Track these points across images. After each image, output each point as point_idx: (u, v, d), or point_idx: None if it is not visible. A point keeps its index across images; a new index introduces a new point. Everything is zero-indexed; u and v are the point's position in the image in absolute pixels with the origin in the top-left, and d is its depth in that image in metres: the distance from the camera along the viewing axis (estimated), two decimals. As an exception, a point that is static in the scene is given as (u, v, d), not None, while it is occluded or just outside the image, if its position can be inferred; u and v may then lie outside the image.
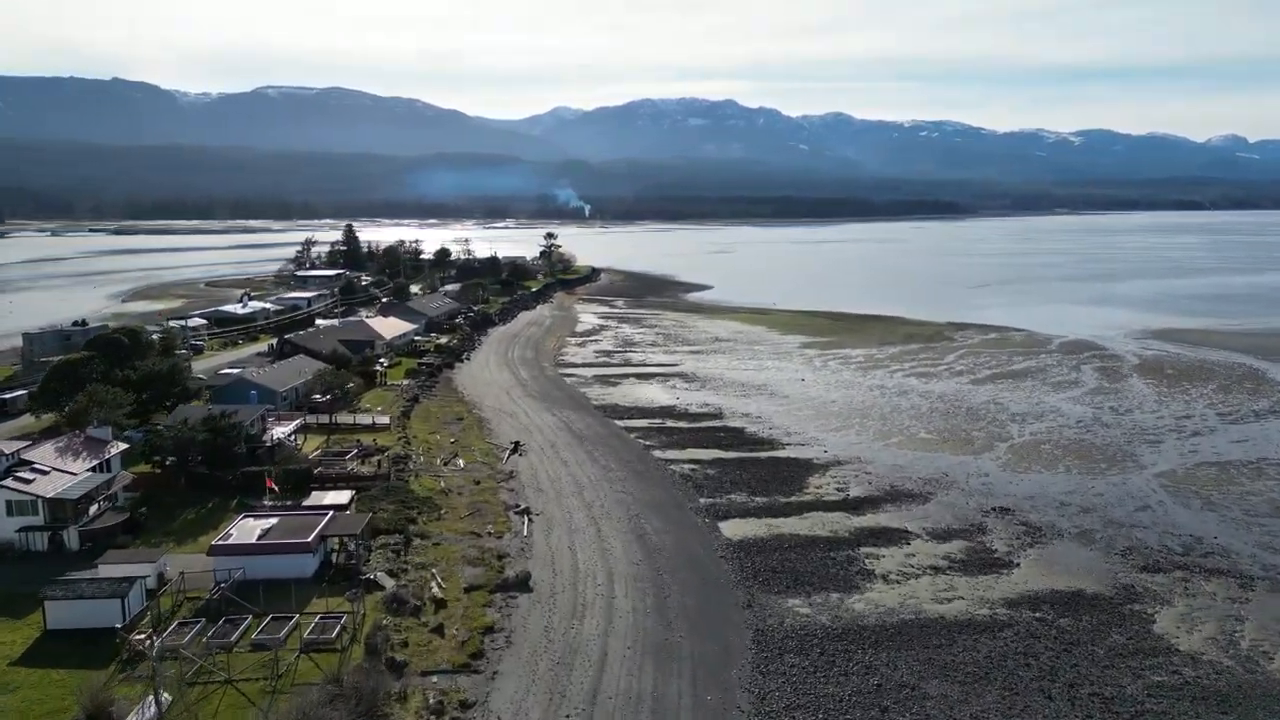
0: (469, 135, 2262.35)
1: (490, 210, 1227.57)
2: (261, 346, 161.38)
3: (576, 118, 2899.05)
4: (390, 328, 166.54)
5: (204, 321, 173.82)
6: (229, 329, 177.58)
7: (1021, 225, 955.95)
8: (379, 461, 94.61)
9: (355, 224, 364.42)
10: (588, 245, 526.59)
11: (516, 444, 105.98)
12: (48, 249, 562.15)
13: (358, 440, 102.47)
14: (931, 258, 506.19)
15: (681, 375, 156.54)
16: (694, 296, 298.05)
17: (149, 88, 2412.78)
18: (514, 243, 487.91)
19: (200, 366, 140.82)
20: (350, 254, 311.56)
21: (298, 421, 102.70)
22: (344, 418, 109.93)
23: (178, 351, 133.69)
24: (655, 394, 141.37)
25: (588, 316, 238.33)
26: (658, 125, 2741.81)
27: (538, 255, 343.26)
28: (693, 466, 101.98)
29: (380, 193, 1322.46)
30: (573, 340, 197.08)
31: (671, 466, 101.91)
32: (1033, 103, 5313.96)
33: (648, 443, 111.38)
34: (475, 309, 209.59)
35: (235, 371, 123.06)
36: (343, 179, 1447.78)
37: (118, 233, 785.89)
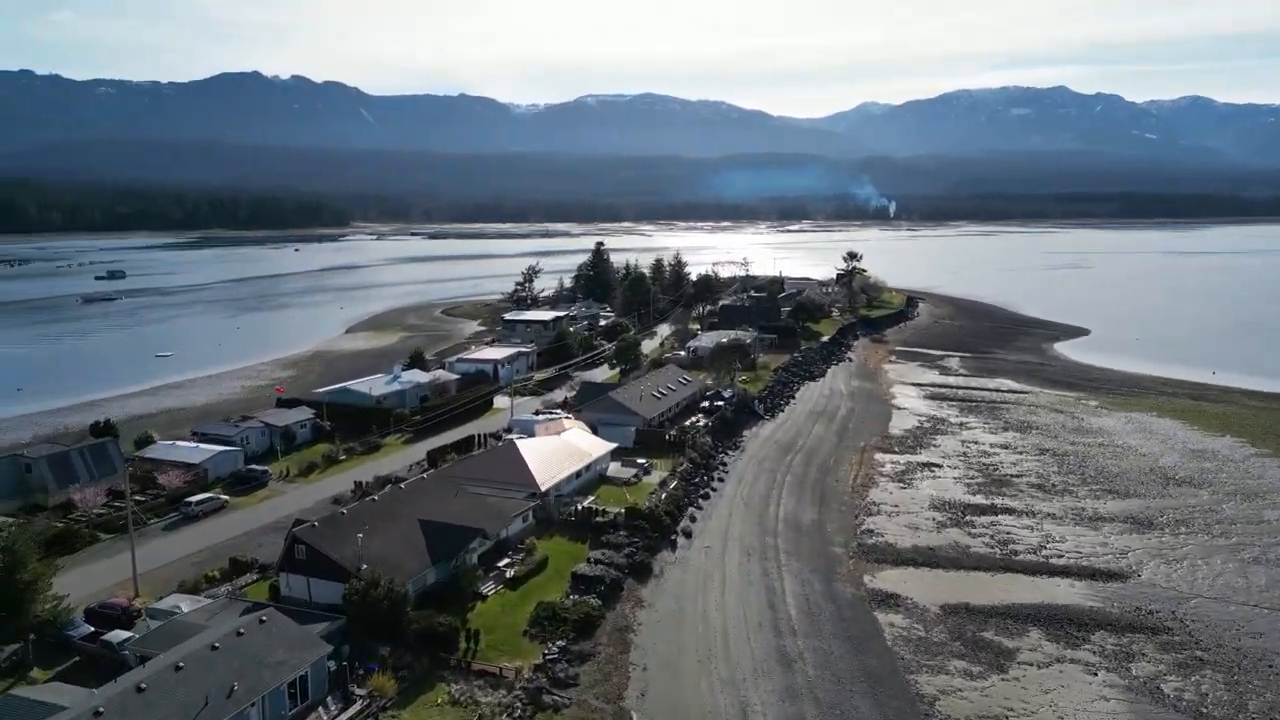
0: (770, 135, 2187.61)
1: (785, 211, 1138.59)
2: (395, 461, 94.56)
3: (884, 113, 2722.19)
4: (561, 457, 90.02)
5: (306, 417, 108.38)
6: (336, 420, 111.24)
7: None
8: None
9: (649, 227, 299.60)
10: (896, 254, 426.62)
11: None
12: (357, 254, 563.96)
13: None
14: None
15: (1152, 627, 65.11)
16: (1069, 351, 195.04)
17: (488, 101, 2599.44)
18: (808, 250, 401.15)
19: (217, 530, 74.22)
20: (597, 279, 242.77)
21: None
22: None
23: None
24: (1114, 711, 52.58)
25: (908, 397, 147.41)
26: (973, 117, 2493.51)
27: (833, 281, 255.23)
28: None
29: (681, 194, 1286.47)
30: (887, 463, 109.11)
31: None
32: None
33: None
34: (729, 392, 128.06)
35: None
36: (647, 181, 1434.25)
37: (434, 236, 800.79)
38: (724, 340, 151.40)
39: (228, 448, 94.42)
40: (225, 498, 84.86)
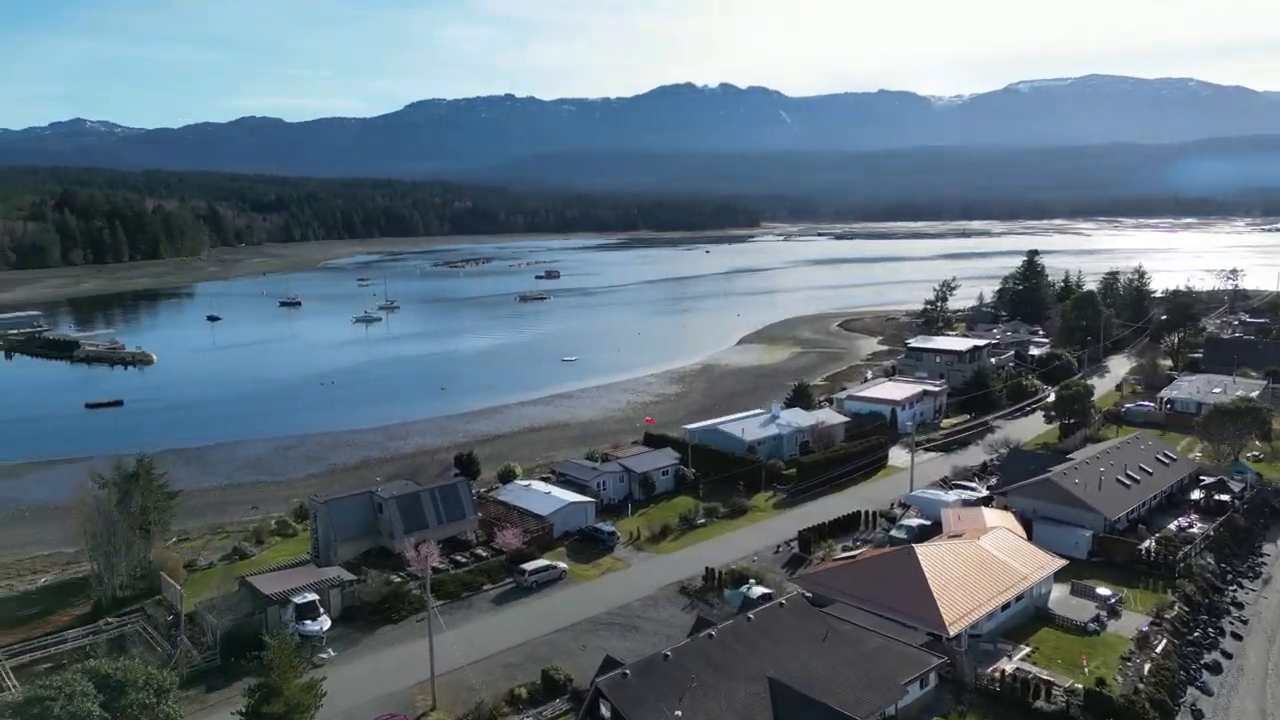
0: (1254, 116, 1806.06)
1: (1272, 205, 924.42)
2: (760, 535, 76.87)
3: None
4: (980, 574, 63.15)
5: (670, 462, 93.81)
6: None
7: None
8: None
9: (1087, 226, 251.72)
10: None
11: None
12: (763, 255, 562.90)
13: None
14: None
15: None
16: None
17: (908, 96, 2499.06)
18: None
19: None
20: (1027, 295, 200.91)
21: None
22: None
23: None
24: None
25: None
26: None
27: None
28: None
29: (1128, 187, 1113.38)
30: None
31: None
32: None
33: None
34: (1239, 480, 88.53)
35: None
36: (1085, 173, 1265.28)
37: (840, 237, 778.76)
38: (1220, 393, 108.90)
39: (580, 498, 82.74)
40: (564, 566, 72.39)
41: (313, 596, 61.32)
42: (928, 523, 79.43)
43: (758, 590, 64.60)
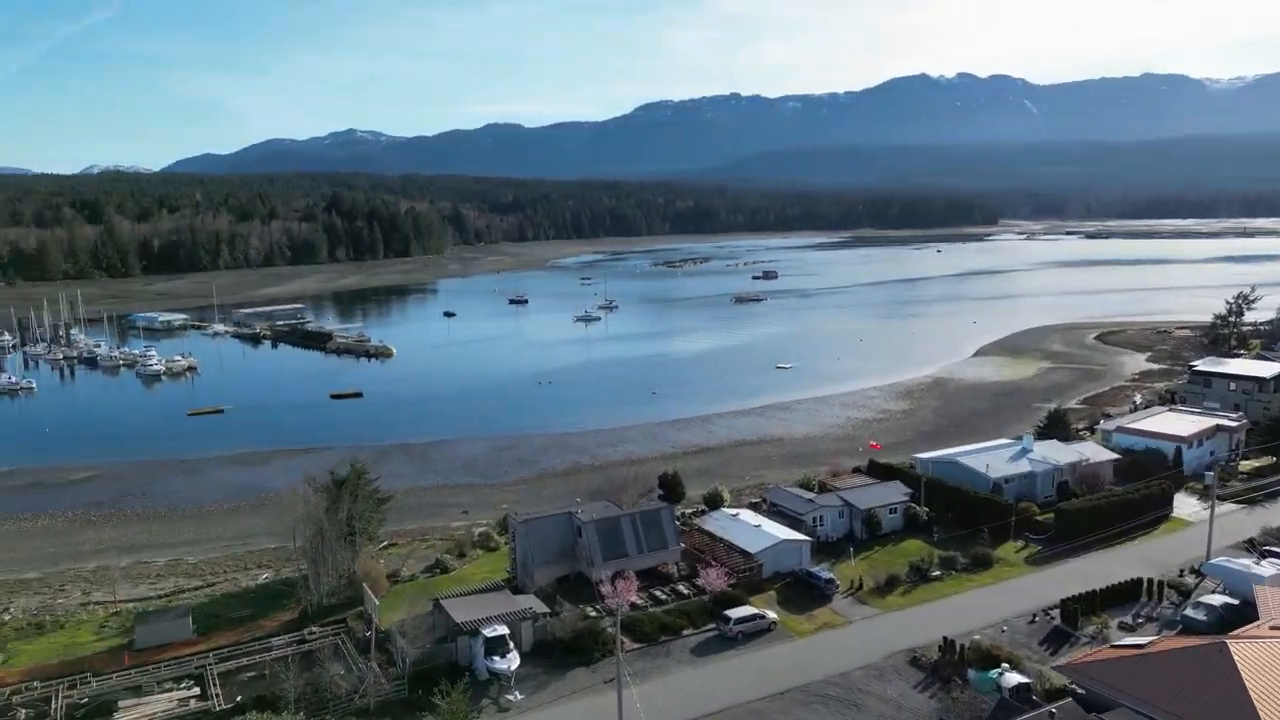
0: None
1: None
2: (1008, 598, 64.77)
3: None
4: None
5: (899, 499, 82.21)
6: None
7: None
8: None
9: None
10: None
11: None
12: (1001, 255, 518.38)
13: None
14: None
15: None
16: None
17: (1177, 79, 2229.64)
18: None
19: None
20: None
21: None
22: None
23: None
24: None
25: None
26: None
27: None
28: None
29: None
30: None
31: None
32: None
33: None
34: None
35: None
36: None
37: (1092, 236, 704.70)
38: None
39: (794, 535, 73.81)
40: (774, 617, 63.89)
41: (503, 630, 57.16)
42: (1234, 602, 63.00)
43: (1013, 678, 52.74)
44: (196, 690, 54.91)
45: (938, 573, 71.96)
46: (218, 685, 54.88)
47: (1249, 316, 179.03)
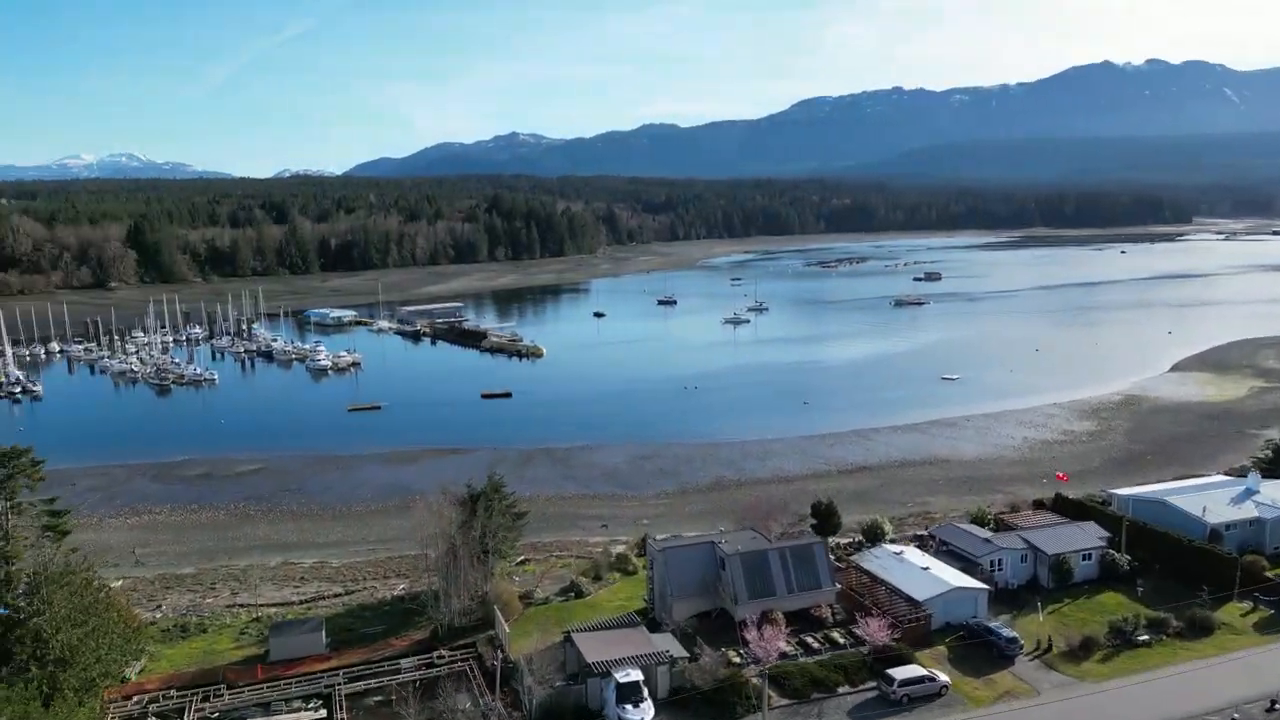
0: None
1: None
2: (1229, 676, 54.47)
3: None
4: None
5: (1095, 544, 70.85)
6: None
7: None
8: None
9: None
10: None
11: None
12: (1197, 257, 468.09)
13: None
14: None
15: None
16: None
17: None
18: None
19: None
20: None
21: None
22: None
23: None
24: None
25: None
26: None
27: None
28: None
29: None
30: None
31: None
32: None
33: None
34: None
35: None
36: None
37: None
38: None
39: (969, 582, 64.56)
40: (946, 680, 55.36)
41: (637, 676, 51.97)
42: None
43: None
44: (323, 713, 52.93)
45: (1145, 637, 60.82)
46: (344, 709, 52.63)
47: None
